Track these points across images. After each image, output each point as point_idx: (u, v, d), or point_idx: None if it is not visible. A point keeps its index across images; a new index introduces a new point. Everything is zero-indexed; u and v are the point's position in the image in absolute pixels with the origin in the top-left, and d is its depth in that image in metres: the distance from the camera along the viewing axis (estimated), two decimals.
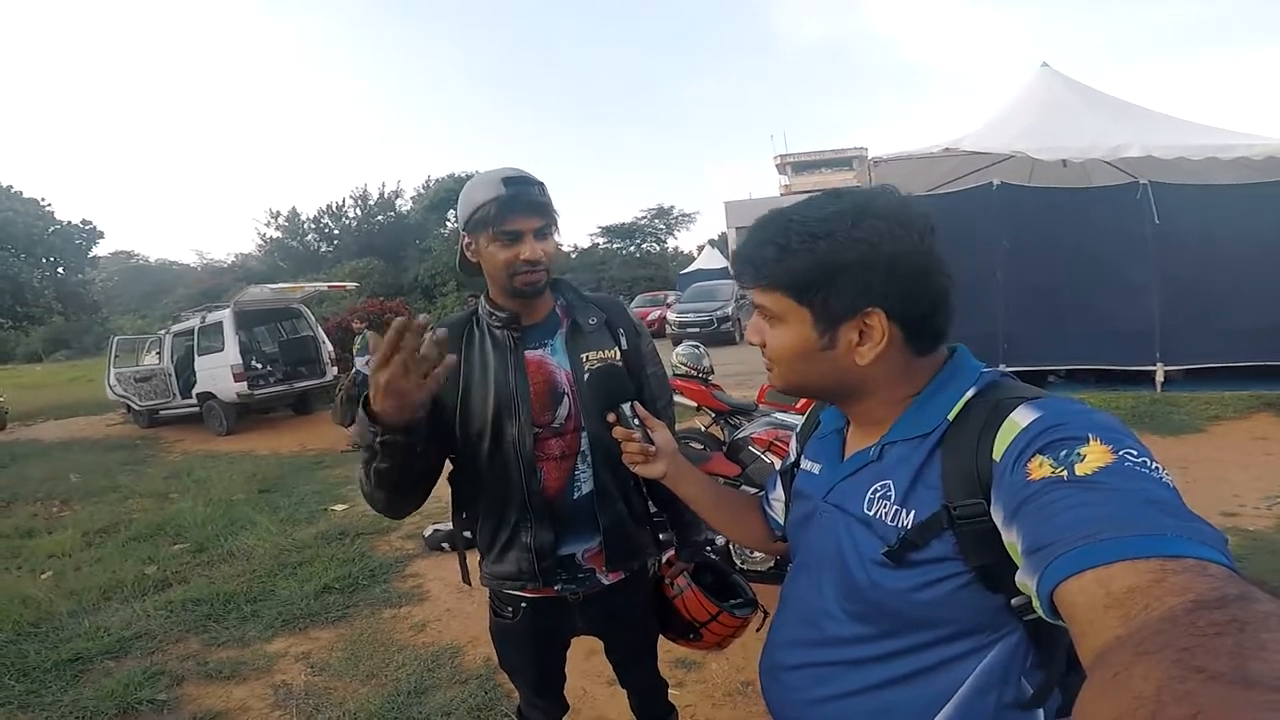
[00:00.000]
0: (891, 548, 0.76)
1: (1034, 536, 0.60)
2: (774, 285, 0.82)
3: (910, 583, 0.75)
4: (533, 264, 1.29)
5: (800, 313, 0.81)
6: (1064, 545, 0.55)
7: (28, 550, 4.95)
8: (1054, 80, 7.74)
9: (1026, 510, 0.62)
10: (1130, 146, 6.28)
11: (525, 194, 1.29)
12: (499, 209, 1.27)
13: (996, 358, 6.78)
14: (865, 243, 0.76)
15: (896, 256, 0.76)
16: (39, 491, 6.96)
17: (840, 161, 41.24)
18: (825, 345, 0.81)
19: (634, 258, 38.05)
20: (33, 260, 17.97)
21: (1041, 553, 0.57)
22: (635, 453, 1.12)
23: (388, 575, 3.99)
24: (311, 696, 2.76)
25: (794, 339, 0.83)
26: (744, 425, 3.81)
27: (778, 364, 0.87)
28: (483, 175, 1.33)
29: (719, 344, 13.69)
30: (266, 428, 10.53)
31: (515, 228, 1.28)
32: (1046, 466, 0.62)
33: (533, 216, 1.29)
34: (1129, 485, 0.58)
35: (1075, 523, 0.56)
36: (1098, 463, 0.60)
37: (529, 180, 1.31)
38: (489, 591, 1.50)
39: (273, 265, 35.81)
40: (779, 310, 0.83)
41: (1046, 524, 0.59)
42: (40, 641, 3.37)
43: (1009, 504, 0.65)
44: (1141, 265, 6.37)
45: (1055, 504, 0.59)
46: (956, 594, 0.73)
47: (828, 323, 0.80)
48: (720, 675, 2.68)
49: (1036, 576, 0.57)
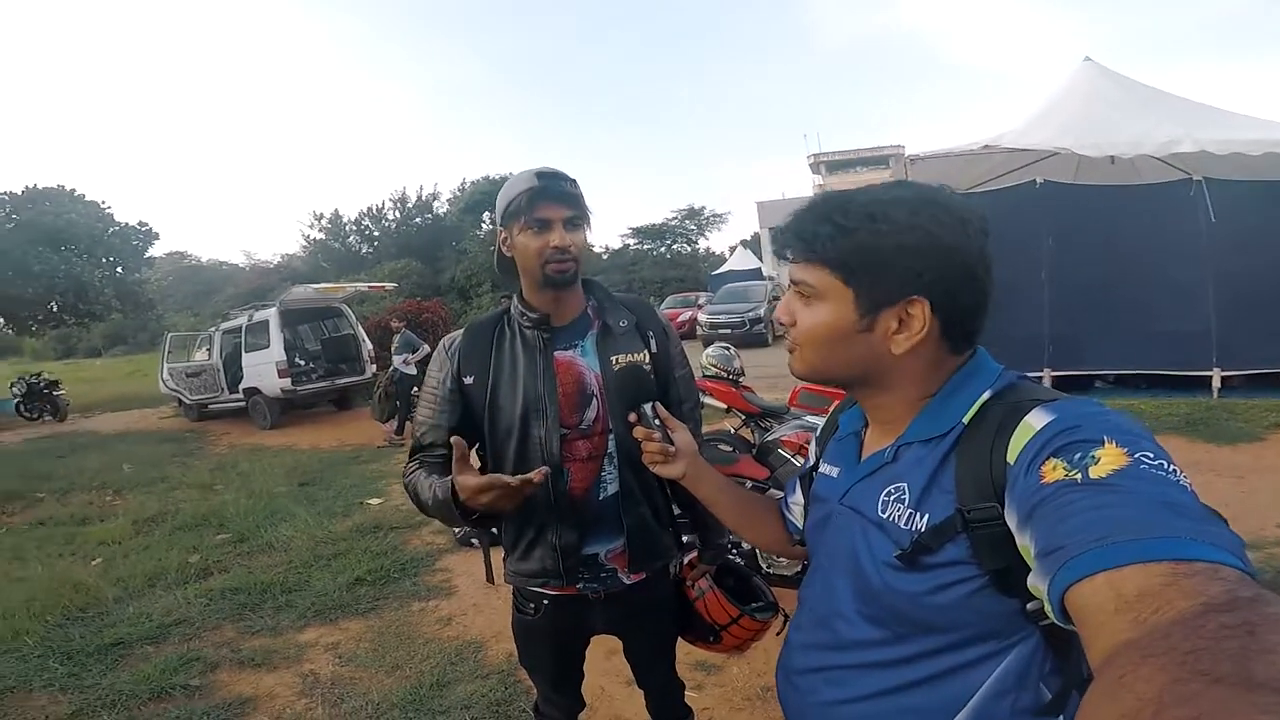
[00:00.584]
0: (904, 551, 0.75)
1: (1047, 540, 0.59)
2: (824, 261, 0.80)
3: (923, 586, 0.74)
4: (562, 251, 1.31)
5: (844, 292, 0.79)
6: (1076, 548, 0.54)
7: (81, 537, 5.17)
8: (1098, 75, 7.47)
9: (1040, 513, 0.61)
10: (1182, 141, 6.02)
11: (556, 185, 1.32)
12: (529, 198, 1.31)
13: (1041, 361, 6.62)
14: (924, 230, 0.75)
15: (952, 250, 0.76)
16: (94, 481, 7.26)
17: (876, 160, 40.69)
18: (863, 329, 0.79)
19: (664, 259, 37.88)
20: (93, 260, 18.68)
21: (1054, 555, 0.56)
22: (655, 452, 1.12)
23: (418, 569, 4.05)
24: (337, 686, 2.81)
25: (831, 318, 0.81)
26: (774, 428, 3.76)
27: (805, 344, 0.85)
28: (519, 173, 1.37)
29: (750, 346, 13.59)
30: (308, 423, 10.80)
31: (545, 215, 1.31)
32: (1060, 469, 0.61)
33: (562, 206, 1.32)
34: (1144, 488, 0.57)
35: (1088, 525, 0.55)
36: (1112, 465, 0.59)
37: (561, 175, 1.34)
38: (512, 588, 1.52)
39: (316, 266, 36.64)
40: (822, 287, 0.81)
41: (1059, 527, 0.58)
42: (86, 626, 3.50)
43: (1023, 507, 0.64)
44: (1195, 265, 6.13)
45: (1068, 507, 0.58)
46: (970, 598, 0.72)
47: (870, 305, 0.78)
48: (740, 679, 2.65)
49: (1048, 579, 0.56)
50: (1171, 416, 5.80)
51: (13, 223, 17.29)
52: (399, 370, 8.35)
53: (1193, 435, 5.37)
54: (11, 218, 17.51)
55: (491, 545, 1.53)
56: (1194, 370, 6.32)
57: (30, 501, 6.57)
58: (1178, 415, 5.80)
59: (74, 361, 37.26)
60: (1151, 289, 6.31)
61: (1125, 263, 6.33)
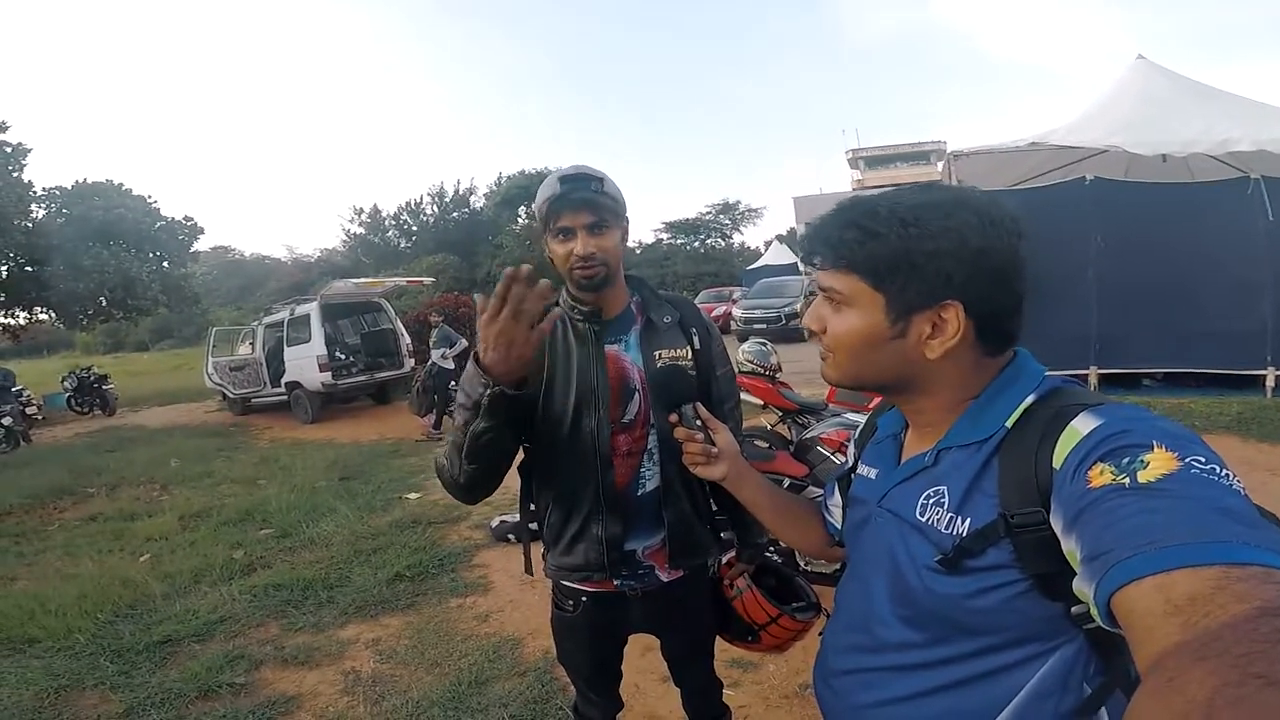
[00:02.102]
0: (946, 555, 0.74)
1: (1093, 543, 0.58)
2: (852, 268, 0.79)
3: (965, 589, 0.74)
4: (585, 259, 1.31)
5: (874, 298, 0.78)
6: (1124, 551, 0.54)
7: (130, 533, 5.30)
8: (1151, 72, 7.30)
9: (1086, 517, 0.60)
10: (1240, 140, 5.85)
11: (576, 190, 1.30)
12: (550, 207, 1.32)
13: (1089, 359, 6.53)
14: (955, 233, 0.74)
15: (984, 252, 0.74)
16: (142, 476, 7.45)
17: (917, 155, 39.87)
18: (895, 335, 0.79)
19: (698, 253, 37.85)
20: (141, 255, 19.02)
21: (1100, 559, 0.56)
22: (697, 453, 1.13)
23: (455, 564, 4.09)
24: (378, 684, 2.85)
25: (863, 325, 0.80)
26: (812, 425, 3.71)
27: (838, 351, 0.85)
28: (550, 175, 1.36)
29: (787, 341, 13.46)
30: (347, 417, 10.97)
31: (566, 224, 1.31)
32: (1108, 474, 0.61)
33: (583, 212, 1.31)
34: (1195, 492, 0.56)
35: (1136, 530, 0.55)
36: (1161, 470, 0.58)
37: (586, 177, 1.32)
38: (551, 584, 1.52)
39: (356, 260, 37.34)
40: (851, 294, 0.80)
41: (1106, 531, 0.57)
42: (135, 623, 3.59)
43: (1069, 512, 0.63)
44: (1252, 263, 5.97)
45: (1116, 511, 0.58)
46: (1012, 601, 0.71)
47: (902, 310, 0.77)
48: (777, 677, 2.64)
49: (1095, 583, 0.56)
50: (1223, 415, 5.68)
51: (63, 218, 17.67)
52: (437, 364, 8.45)
53: (1245, 434, 5.27)
54: (62, 213, 17.89)
55: (532, 540, 1.53)
56: (1246, 369, 6.19)
57: (81, 497, 6.76)
58: (1229, 414, 5.69)
59: (122, 355, 38.36)
60: (1205, 287, 6.16)
61: (1177, 261, 6.18)
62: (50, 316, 19.20)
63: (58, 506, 6.50)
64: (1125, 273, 6.31)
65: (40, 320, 20.10)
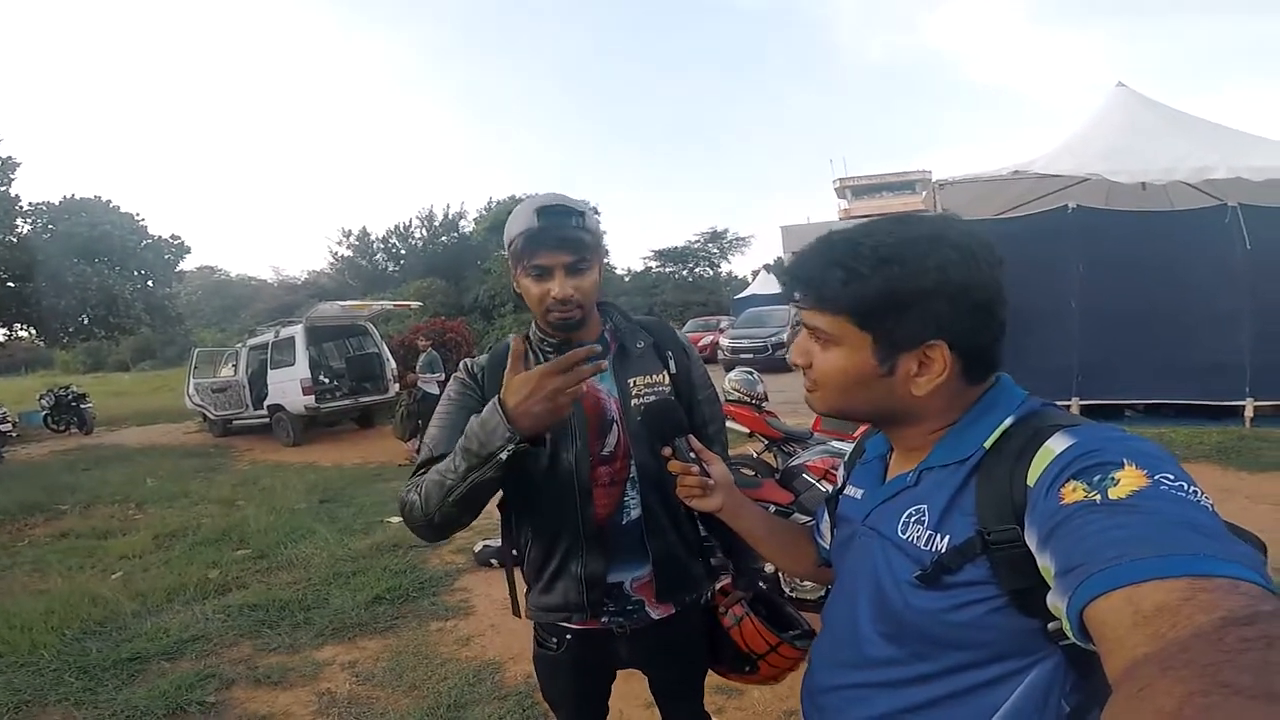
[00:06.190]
0: (925, 571, 0.75)
1: (1065, 559, 0.59)
2: (837, 310, 0.80)
3: (943, 604, 0.74)
4: (563, 302, 1.24)
5: (860, 338, 0.79)
6: (1094, 566, 0.55)
7: (102, 550, 5.20)
8: (1131, 100, 7.47)
9: (1059, 534, 0.62)
10: (1217, 168, 5.99)
11: (555, 227, 1.23)
12: (525, 243, 1.23)
13: (1070, 390, 6.55)
14: (938, 271, 0.75)
15: (968, 288, 0.75)
16: (117, 495, 7.33)
17: (903, 185, 40.59)
18: (883, 373, 0.80)
19: (686, 282, 37.99)
20: (125, 273, 18.83)
21: (1072, 574, 0.57)
22: (693, 486, 1.10)
23: (437, 588, 4.03)
24: (354, 705, 2.79)
25: (850, 364, 0.81)
26: (798, 453, 3.72)
27: (824, 386, 0.86)
28: (523, 203, 1.28)
29: (773, 370, 13.50)
30: (330, 440, 10.87)
31: (543, 263, 1.23)
32: (1080, 490, 0.62)
33: (563, 252, 1.22)
34: (1164, 508, 0.57)
35: (1106, 544, 0.56)
36: (1132, 486, 0.59)
37: (565, 210, 1.25)
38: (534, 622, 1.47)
39: (343, 283, 37.24)
40: (836, 334, 0.81)
41: (1078, 546, 0.58)
42: (103, 640, 3.51)
43: (1042, 529, 0.64)
44: (1231, 293, 6.07)
45: (1087, 527, 0.59)
46: (989, 616, 0.72)
47: (889, 350, 0.78)
48: (762, 703, 2.60)
49: (1067, 597, 0.57)
50: (1203, 444, 5.75)
51: (49, 233, 17.45)
52: (422, 389, 8.40)
53: (1225, 463, 5.32)
54: (48, 228, 17.70)
55: (515, 565, 1.48)
56: (1226, 400, 6.24)
57: (53, 514, 6.64)
58: (1209, 443, 5.75)
59: (102, 375, 37.96)
60: (1185, 316, 6.23)
61: (1158, 290, 6.26)
62: (31, 333, 18.91)
63: (28, 523, 6.39)
64: (1107, 302, 6.37)
65: (20, 337, 19.82)
